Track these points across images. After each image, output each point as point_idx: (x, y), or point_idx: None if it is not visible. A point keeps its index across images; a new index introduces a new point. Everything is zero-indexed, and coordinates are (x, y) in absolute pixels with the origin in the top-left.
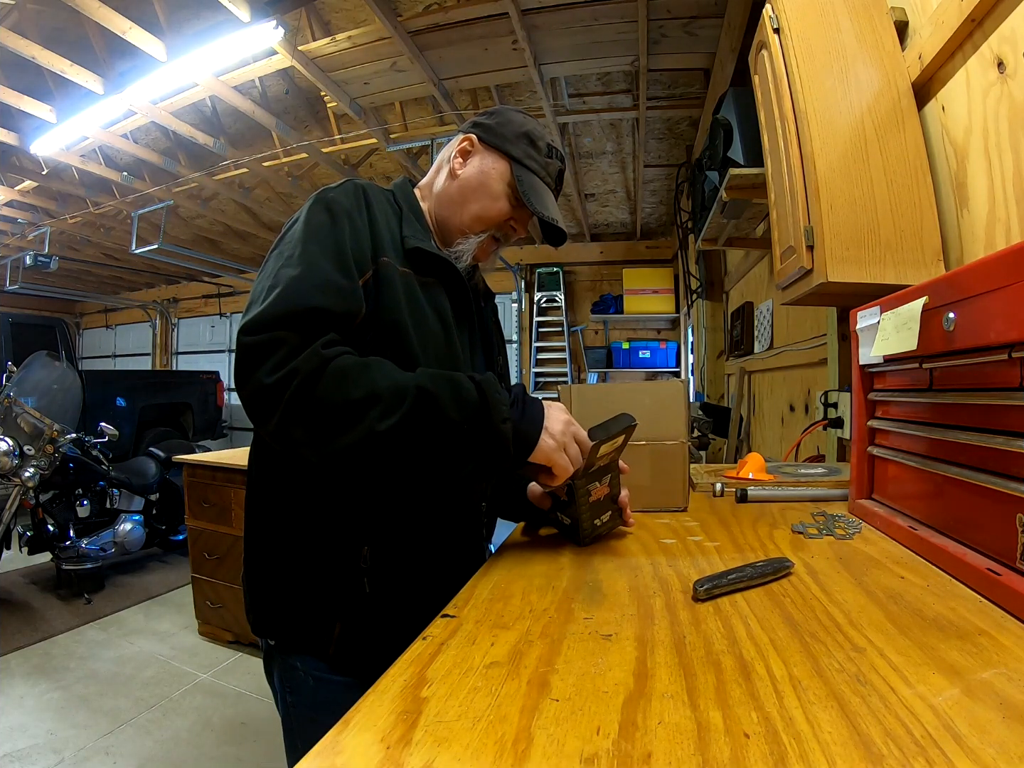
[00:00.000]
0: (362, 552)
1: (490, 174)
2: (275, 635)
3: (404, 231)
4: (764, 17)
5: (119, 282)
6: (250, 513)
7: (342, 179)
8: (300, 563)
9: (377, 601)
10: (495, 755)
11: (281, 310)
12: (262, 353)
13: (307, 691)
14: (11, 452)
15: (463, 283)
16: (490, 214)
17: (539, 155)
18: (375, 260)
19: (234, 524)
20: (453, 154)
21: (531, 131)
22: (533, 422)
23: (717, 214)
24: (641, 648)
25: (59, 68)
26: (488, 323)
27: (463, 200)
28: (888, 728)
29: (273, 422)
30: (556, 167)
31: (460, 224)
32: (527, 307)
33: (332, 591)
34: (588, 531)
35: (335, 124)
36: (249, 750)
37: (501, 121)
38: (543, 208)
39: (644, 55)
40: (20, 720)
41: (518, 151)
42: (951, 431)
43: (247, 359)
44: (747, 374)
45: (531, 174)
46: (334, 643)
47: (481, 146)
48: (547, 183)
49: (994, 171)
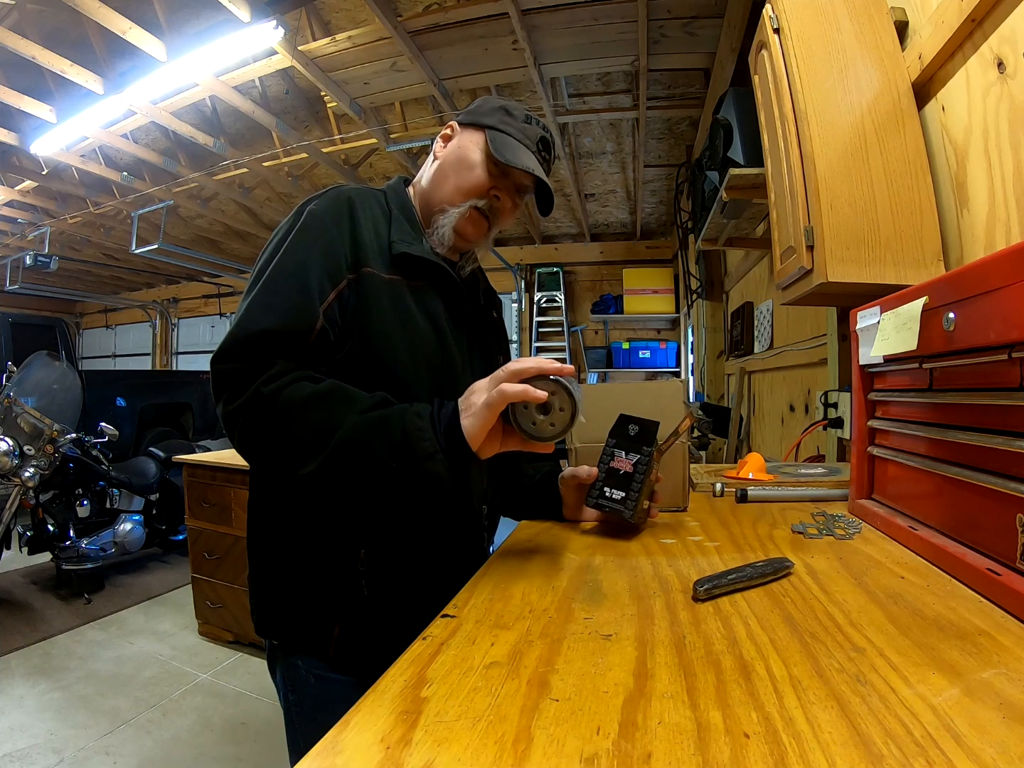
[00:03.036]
0: (359, 555)
1: (467, 147)
2: (277, 635)
3: (392, 235)
4: (764, 17)
5: (119, 282)
6: (253, 515)
7: (340, 181)
8: (300, 566)
9: (375, 603)
10: (495, 755)
11: (231, 340)
12: (218, 385)
13: (309, 690)
14: (11, 452)
15: (455, 284)
16: (468, 183)
17: (515, 121)
18: (356, 269)
19: (234, 524)
20: (437, 142)
21: (507, 105)
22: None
23: (717, 214)
24: (641, 648)
25: (59, 68)
26: (489, 323)
27: (443, 177)
28: (888, 728)
29: (237, 447)
30: (536, 132)
31: (441, 200)
32: (527, 307)
33: (331, 593)
34: (595, 495)
35: (335, 124)
36: (249, 750)
37: (480, 103)
38: (516, 160)
39: (644, 55)
40: (20, 720)
41: (493, 120)
42: (951, 431)
43: (213, 388)
44: (747, 374)
45: (505, 135)
46: (334, 644)
47: (460, 128)
48: (525, 144)
49: (994, 171)
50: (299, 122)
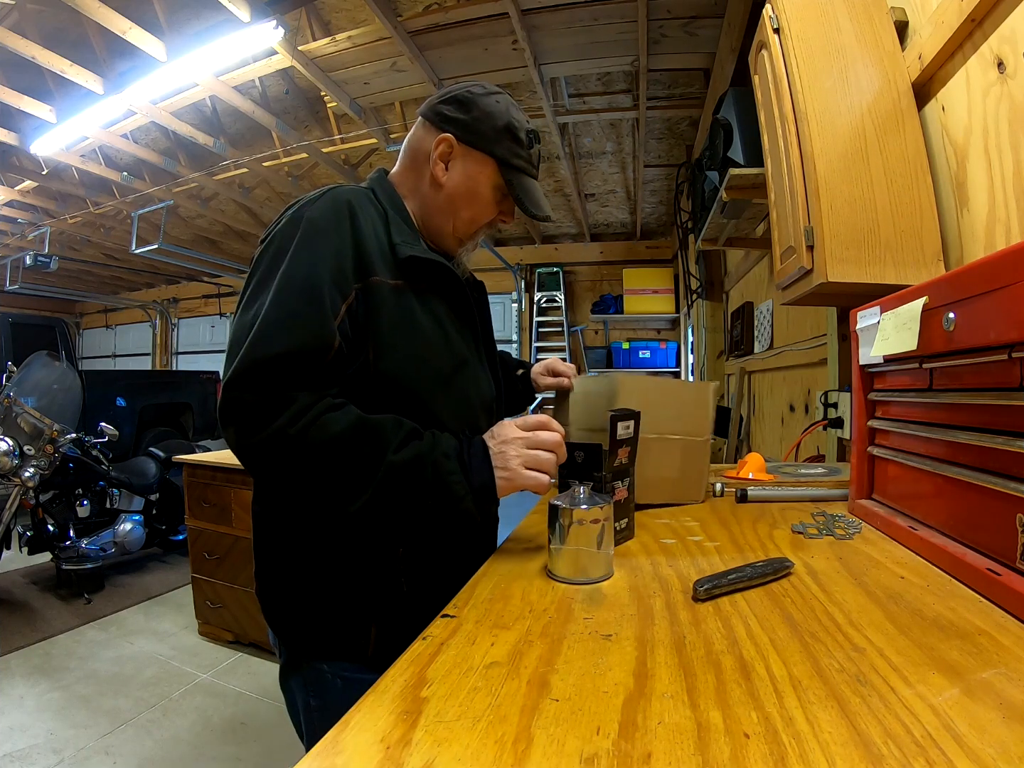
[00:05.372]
0: (398, 554)
1: (478, 179)
2: (304, 642)
3: (394, 238)
4: (764, 17)
5: (119, 282)
6: (266, 519)
7: (340, 181)
8: (333, 570)
9: (413, 599)
10: (495, 755)
11: (247, 365)
12: (230, 414)
13: (335, 693)
14: (11, 452)
15: (460, 284)
16: (481, 218)
17: (523, 150)
18: (362, 279)
19: (234, 524)
20: (433, 159)
21: (510, 123)
22: (482, 476)
23: (717, 214)
24: (641, 648)
25: (59, 68)
26: (487, 317)
27: (454, 210)
28: (888, 728)
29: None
30: (537, 154)
31: (455, 232)
32: (527, 307)
33: (369, 595)
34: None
35: (335, 124)
36: (249, 750)
37: (478, 116)
38: (538, 209)
39: (644, 55)
40: (20, 720)
41: (503, 150)
42: (951, 431)
43: (223, 413)
44: (747, 374)
45: (520, 174)
46: (372, 644)
47: (462, 148)
48: (533, 175)
49: (994, 171)
50: (299, 122)
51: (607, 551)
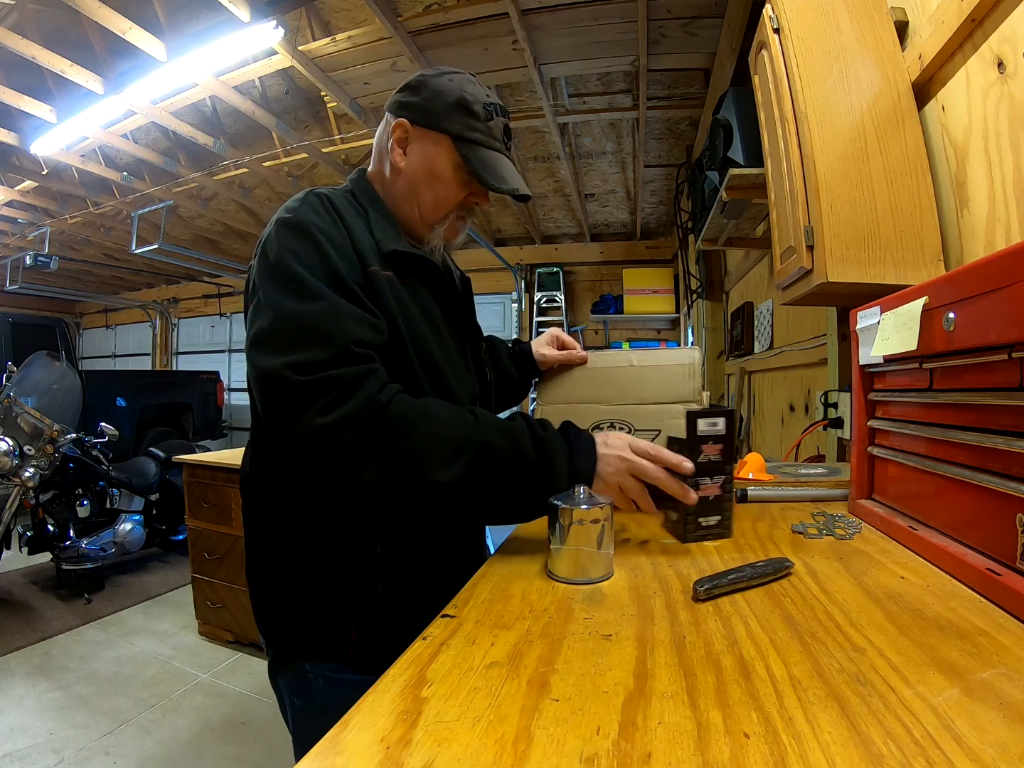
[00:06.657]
0: (375, 552)
1: (434, 159)
2: (287, 642)
3: (376, 234)
4: (764, 17)
5: (119, 282)
6: (253, 519)
7: (340, 181)
8: (313, 571)
9: (389, 599)
10: (495, 755)
11: (325, 346)
12: (310, 395)
13: (317, 693)
14: (11, 452)
15: (443, 277)
16: (446, 200)
17: (480, 122)
18: (363, 271)
19: (234, 524)
20: (390, 145)
21: (462, 97)
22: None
23: (717, 214)
24: (641, 648)
25: (59, 68)
26: (471, 311)
27: (415, 193)
28: (888, 728)
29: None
30: (500, 126)
31: (422, 218)
32: (527, 307)
33: (347, 594)
34: (692, 528)
35: (335, 124)
36: (249, 750)
37: (428, 96)
38: (500, 181)
39: (644, 55)
40: (20, 720)
41: (457, 125)
42: (951, 431)
43: (296, 399)
44: (747, 374)
45: (477, 147)
46: (353, 645)
47: (416, 130)
48: (496, 148)
49: (994, 171)
50: (299, 122)
51: (607, 551)
